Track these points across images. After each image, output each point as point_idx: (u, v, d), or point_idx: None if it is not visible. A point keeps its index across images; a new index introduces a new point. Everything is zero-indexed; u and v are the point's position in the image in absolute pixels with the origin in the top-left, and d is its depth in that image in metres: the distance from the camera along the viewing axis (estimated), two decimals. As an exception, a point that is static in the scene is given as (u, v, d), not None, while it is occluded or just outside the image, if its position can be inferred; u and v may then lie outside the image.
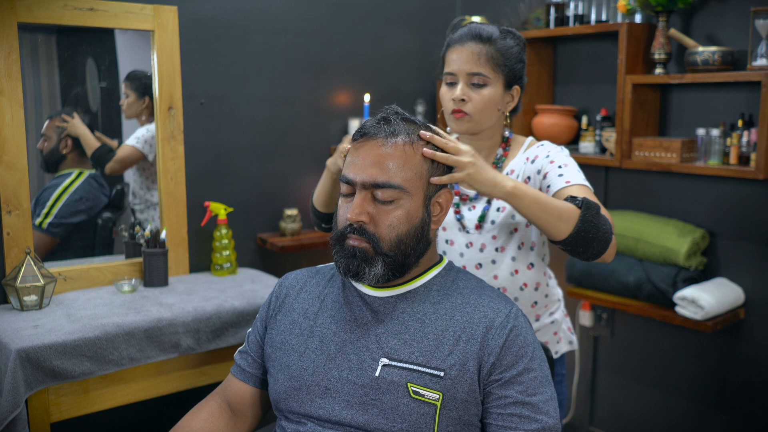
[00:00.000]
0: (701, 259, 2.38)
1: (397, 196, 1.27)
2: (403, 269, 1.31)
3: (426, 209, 1.31)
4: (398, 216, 1.28)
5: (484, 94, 1.59)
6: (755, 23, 2.11)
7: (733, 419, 2.40)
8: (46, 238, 2.28)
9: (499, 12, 2.94)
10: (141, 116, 2.41)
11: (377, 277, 1.28)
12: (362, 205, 1.28)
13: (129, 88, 2.39)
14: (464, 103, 1.59)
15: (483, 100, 1.59)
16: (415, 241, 1.30)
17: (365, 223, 1.27)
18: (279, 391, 1.36)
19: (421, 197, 1.30)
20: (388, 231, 1.27)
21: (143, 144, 2.41)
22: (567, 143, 2.74)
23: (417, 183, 1.29)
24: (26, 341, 1.78)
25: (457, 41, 1.62)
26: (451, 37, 1.65)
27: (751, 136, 2.15)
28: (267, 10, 2.59)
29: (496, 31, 1.62)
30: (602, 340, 2.78)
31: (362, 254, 1.27)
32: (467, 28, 1.63)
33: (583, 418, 2.87)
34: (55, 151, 2.31)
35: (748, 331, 2.35)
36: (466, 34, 1.62)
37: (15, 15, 2.04)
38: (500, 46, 1.60)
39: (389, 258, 1.28)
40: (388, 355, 1.28)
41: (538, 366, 1.28)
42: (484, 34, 1.60)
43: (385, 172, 1.27)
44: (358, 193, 1.29)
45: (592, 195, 1.53)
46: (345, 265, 1.29)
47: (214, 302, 2.11)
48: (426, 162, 1.31)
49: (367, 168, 1.28)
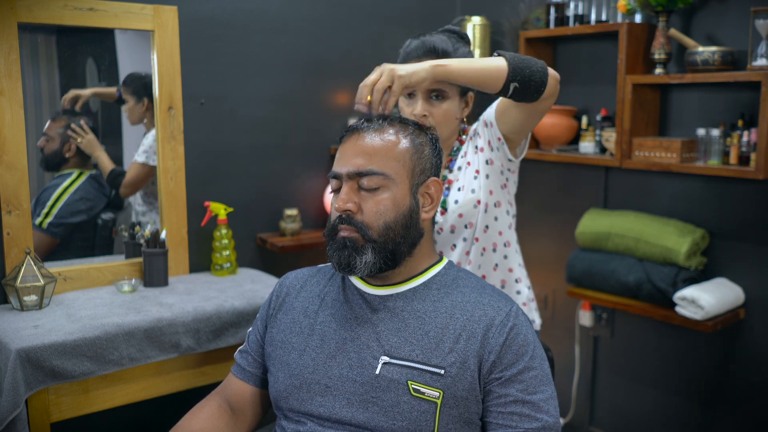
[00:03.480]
0: (701, 259, 2.38)
1: (382, 183, 1.30)
2: (395, 258, 1.31)
3: (413, 197, 1.33)
4: (384, 203, 1.30)
5: (443, 107, 1.64)
6: (755, 23, 2.11)
7: (733, 419, 2.40)
8: (46, 238, 2.27)
9: (499, 12, 2.95)
10: (144, 120, 2.40)
11: (368, 265, 1.29)
12: (349, 194, 1.31)
13: (127, 93, 2.38)
14: (426, 118, 1.63)
15: (443, 113, 1.64)
16: (404, 229, 1.31)
17: (352, 212, 1.30)
18: (279, 390, 1.36)
19: (406, 185, 1.32)
20: (376, 218, 1.30)
21: (152, 155, 2.39)
22: (567, 143, 2.74)
23: (401, 171, 1.32)
24: (26, 341, 1.78)
25: (414, 58, 1.64)
26: (405, 51, 1.67)
27: (751, 136, 2.15)
28: (267, 10, 2.59)
29: (448, 43, 1.65)
30: (602, 340, 2.78)
31: (352, 244, 1.29)
32: (420, 42, 1.65)
33: (583, 418, 2.87)
34: (58, 153, 2.31)
35: (748, 331, 2.35)
36: (421, 49, 1.64)
37: (15, 15, 2.04)
38: (456, 57, 1.64)
39: (378, 245, 1.29)
40: (389, 352, 1.28)
41: (538, 364, 1.28)
42: (439, 48, 1.63)
43: (368, 161, 1.30)
44: (345, 183, 1.32)
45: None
46: (337, 258, 1.31)
47: (214, 302, 2.11)
48: (410, 151, 1.34)
49: (351, 159, 1.32)
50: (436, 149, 1.40)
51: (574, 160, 2.60)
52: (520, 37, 2.73)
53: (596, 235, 2.53)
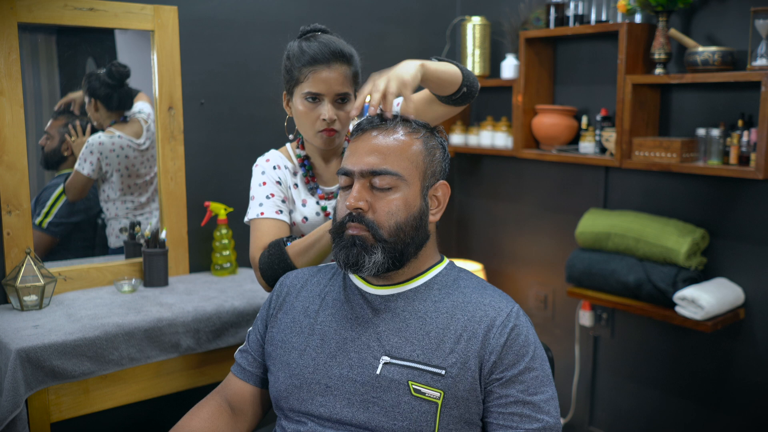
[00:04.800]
0: (701, 259, 2.38)
1: (395, 184, 1.30)
2: (402, 259, 1.31)
3: (423, 199, 1.33)
4: (397, 203, 1.29)
5: (347, 109, 1.69)
6: (755, 23, 2.11)
7: (733, 419, 2.40)
8: (46, 237, 2.27)
9: (499, 12, 2.95)
10: (102, 121, 2.34)
11: (377, 265, 1.29)
12: (361, 192, 1.30)
13: (85, 94, 2.31)
14: (334, 122, 1.67)
15: (346, 116, 1.69)
16: (413, 230, 1.31)
17: (364, 210, 1.30)
18: (279, 390, 1.36)
19: (418, 186, 1.32)
20: (387, 218, 1.29)
21: (83, 164, 2.32)
22: (567, 143, 2.74)
23: (414, 172, 1.32)
24: (26, 341, 1.78)
25: (322, 61, 1.64)
26: (309, 55, 1.65)
27: (751, 136, 2.15)
28: (267, 10, 2.59)
29: (350, 46, 1.69)
30: (602, 340, 2.78)
31: (361, 242, 1.29)
32: (324, 46, 1.65)
33: (583, 418, 2.87)
34: (57, 152, 2.31)
35: (748, 331, 2.35)
36: (328, 54, 1.64)
37: (15, 15, 2.03)
38: (357, 62, 1.70)
39: (388, 245, 1.29)
40: (389, 353, 1.28)
41: (539, 365, 1.28)
42: (346, 53, 1.66)
43: (382, 160, 1.30)
44: (357, 181, 1.31)
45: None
46: (345, 256, 1.30)
47: (214, 302, 2.11)
48: (423, 153, 1.34)
49: (364, 157, 1.31)
50: (445, 153, 1.40)
51: (574, 160, 2.60)
52: (520, 37, 2.73)
53: (596, 235, 2.53)
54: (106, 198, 2.39)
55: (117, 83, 2.33)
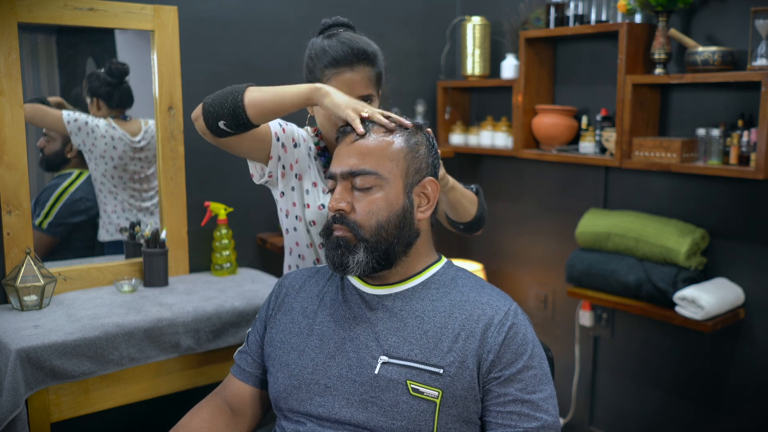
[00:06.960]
0: (701, 259, 2.38)
1: (375, 183, 1.31)
2: (389, 257, 1.32)
3: (408, 197, 1.33)
4: (378, 203, 1.31)
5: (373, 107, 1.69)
6: (755, 23, 2.11)
7: (733, 419, 2.40)
8: (46, 238, 2.28)
9: (499, 12, 2.95)
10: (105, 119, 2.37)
11: (361, 265, 1.30)
12: (342, 194, 1.33)
13: (85, 93, 2.34)
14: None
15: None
16: (397, 229, 1.32)
17: (346, 212, 1.32)
18: (278, 390, 1.36)
19: (400, 185, 1.33)
20: (368, 217, 1.30)
21: (69, 117, 2.29)
22: (567, 143, 2.74)
23: (395, 170, 1.32)
24: (26, 341, 1.78)
25: (344, 63, 1.59)
26: (332, 56, 1.60)
27: (751, 136, 2.15)
28: (267, 10, 2.59)
29: (373, 44, 1.66)
30: (602, 340, 2.78)
31: (345, 243, 1.31)
32: (346, 46, 1.60)
33: (583, 418, 2.87)
34: (60, 153, 2.31)
35: (748, 331, 2.35)
36: (351, 55, 1.59)
37: (15, 15, 2.04)
38: (380, 61, 1.67)
39: (370, 244, 1.30)
40: (388, 352, 1.28)
41: (537, 364, 1.28)
42: (369, 53, 1.63)
43: (361, 161, 1.32)
44: (339, 183, 1.34)
45: None
46: (331, 258, 1.32)
47: (214, 302, 2.11)
48: (404, 151, 1.34)
49: (345, 159, 1.34)
50: (432, 149, 1.40)
51: (574, 160, 2.60)
52: (520, 37, 2.73)
53: (596, 235, 2.53)
54: (99, 190, 2.40)
55: (117, 81, 2.34)
